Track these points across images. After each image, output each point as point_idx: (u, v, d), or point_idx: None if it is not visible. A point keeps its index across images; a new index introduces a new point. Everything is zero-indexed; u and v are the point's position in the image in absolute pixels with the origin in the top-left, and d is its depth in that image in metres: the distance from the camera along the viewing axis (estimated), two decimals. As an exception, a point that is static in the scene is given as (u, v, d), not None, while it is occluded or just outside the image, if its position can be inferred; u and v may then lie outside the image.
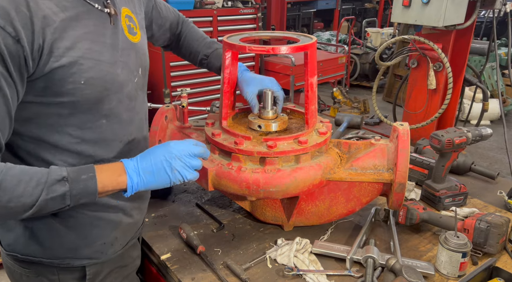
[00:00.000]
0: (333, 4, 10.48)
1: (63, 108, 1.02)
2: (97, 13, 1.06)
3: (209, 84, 4.78)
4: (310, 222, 1.54)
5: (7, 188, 0.92)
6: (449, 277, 1.32)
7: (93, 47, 1.03)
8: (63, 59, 0.97)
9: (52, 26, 0.95)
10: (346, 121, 2.54)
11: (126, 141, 1.19)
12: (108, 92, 1.08)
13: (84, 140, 1.09)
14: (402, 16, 2.55)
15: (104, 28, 1.07)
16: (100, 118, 1.10)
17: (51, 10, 0.95)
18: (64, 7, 0.98)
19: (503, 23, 3.08)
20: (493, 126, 5.26)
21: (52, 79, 0.97)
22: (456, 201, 1.71)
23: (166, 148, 1.12)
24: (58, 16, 0.96)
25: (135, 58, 1.18)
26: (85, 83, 1.01)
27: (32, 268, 1.18)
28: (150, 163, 1.08)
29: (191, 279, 1.31)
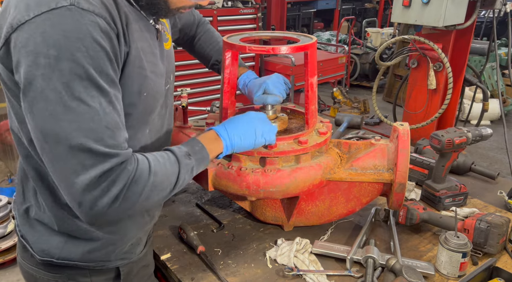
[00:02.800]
0: (333, 4, 10.47)
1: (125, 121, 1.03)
2: (151, 27, 1.10)
3: (209, 84, 4.78)
4: (310, 222, 1.54)
5: (158, 171, 0.98)
6: (449, 277, 1.32)
7: (153, 60, 1.07)
8: (137, 70, 1.00)
9: (133, 34, 0.98)
10: (346, 121, 2.54)
11: (158, 147, 1.20)
12: (158, 104, 1.14)
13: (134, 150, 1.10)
14: (402, 16, 2.55)
15: (155, 41, 1.12)
16: (146, 128, 1.14)
17: (130, 18, 0.99)
18: (131, 19, 1.00)
19: (503, 23, 3.08)
20: (493, 126, 5.26)
21: (124, 89, 0.98)
22: (456, 201, 1.71)
23: (248, 115, 1.26)
24: (133, 25, 0.99)
25: (168, 65, 1.21)
26: (147, 95, 1.05)
27: (64, 272, 1.17)
28: (238, 128, 1.21)
29: (191, 279, 1.31)
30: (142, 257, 1.29)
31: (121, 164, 0.91)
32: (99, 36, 0.86)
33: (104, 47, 0.87)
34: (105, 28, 0.87)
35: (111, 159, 0.89)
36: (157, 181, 0.98)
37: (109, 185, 0.89)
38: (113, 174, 0.89)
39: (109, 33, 0.88)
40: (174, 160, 1.04)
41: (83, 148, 0.86)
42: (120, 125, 0.93)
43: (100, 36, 0.86)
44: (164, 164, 1.01)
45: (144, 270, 1.33)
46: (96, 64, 0.86)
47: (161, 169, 0.99)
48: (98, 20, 0.86)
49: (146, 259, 1.34)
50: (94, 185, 0.88)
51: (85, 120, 0.86)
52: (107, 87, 0.89)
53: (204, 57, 1.68)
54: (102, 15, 0.87)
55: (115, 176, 0.90)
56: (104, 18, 0.87)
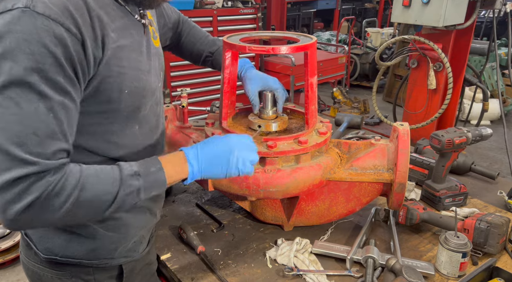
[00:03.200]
0: (333, 4, 10.47)
1: (105, 117, 1.03)
2: (136, 23, 1.09)
3: (209, 84, 4.78)
4: (310, 222, 1.54)
5: (90, 188, 0.93)
6: (449, 277, 1.32)
7: (136, 57, 1.05)
8: (115, 68, 0.98)
9: (110, 36, 0.96)
10: (346, 121, 2.54)
11: (152, 144, 1.21)
12: (145, 100, 1.11)
13: (119, 146, 1.10)
14: (402, 16, 2.55)
15: (141, 37, 1.10)
16: (135, 124, 1.12)
17: (107, 19, 0.96)
18: (113, 16, 0.99)
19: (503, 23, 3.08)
20: (493, 126, 5.26)
21: (100, 87, 0.97)
22: (456, 201, 1.71)
23: (227, 139, 1.15)
24: (111, 26, 0.97)
25: (158, 62, 1.20)
26: (128, 92, 1.03)
27: (67, 270, 1.18)
28: (210, 153, 1.11)
29: (191, 279, 1.31)
30: (145, 255, 1.30)
31: (39, 173, 0.86)
32: (49, 41, 0.83)
33: (54, 53, 0.84)
34: (59, 35, 0.84)
35: (29, 166, 0.85)
36: (84, 197, 0.92)
37: (22, 192, 0.85)
38: (28, 181, 0.85)
39: (64, 40, 0.85)
40: (116, 179, 0.96)
41: (1, 149, 0.83)
42: (57, 135, 0.89)
43: (51, 42, 0.83)
44: (100, 181, 0.95)
45: (147, 268, 1.33)
46: (40, 69, 0.83)
47: (93, 187, 0.93)
48: (52, 25, 0.84)
49: (149, 257, 1.34)
50: (6, 188, 0.85)
51: (12, 122, 0.83)
52: (51, 94, 0.86)
53: (195, 52, 1.66)
54: (59, 20, 0.84)
55: (29, 183, 0.86)
56: (62, 24, 0.85)
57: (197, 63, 1.70)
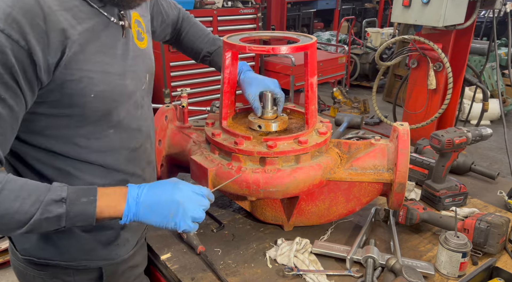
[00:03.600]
0: (333, 4, 10.47)
1: (72, 120, 1.01)
2: (112, 25, 1.05)
3: (209, 84, 4.78)
4: (310, 222, 1.54)
5: (3, 202, 0.89)
6: (449, 277, 1.32)
7: (104, 60, 1.02)
8: (76, 72, 0.95)
9: (71, 39, 0.93)
10: (346, 121, 2.54)
11: (133, 148, 1.18)
12: (117, 104, 1.08)
13: (92, 150, 1.08)
14: (402, 16, 2.55)
15: (116, 39, 1.06)
16: (108, 128, 1.09)
17: (69, 23, 0.93)
18: (81, 18, 0.96)
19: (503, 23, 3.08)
20: (493, 126, 5.26)
21: (62, 92, 0.96)
22: (456, 201, 1.71)
23: (175, 189, 1.05)
24: (76, 29, 0.95)
25: (142, 64, 1.17)
26: (95, 96, 1.00)
27: (48, 270, 1.18)
28: (153, 198, 1.03)
29: (191, 279, 1.31)
30: (128, 258, 1.28)
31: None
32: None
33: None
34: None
35: None
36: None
37: None
38: None
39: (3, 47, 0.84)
40: (37, 200, 0.91)
41: None
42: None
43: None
44: (18, 198, 0.90)
45: (130, 271, 1.31)
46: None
47: (8, 203, 0.89)
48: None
49: (134, 260, 1.32)
50: None
51: None
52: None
53: (194, 50, 1.65)
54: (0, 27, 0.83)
55: None
56: (3, 30, 0.83)
57: (197, 61, 1.69)
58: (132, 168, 1.20)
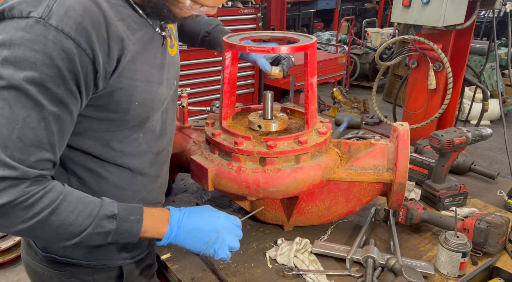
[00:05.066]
0: (333, 4, 10.47)
1: (112, 125, 1.04)
2: (156, 35, 1.09)
3: (209, 84, 4.78)
4: (310, 222, 1.54)
5: (62, 213, 0.92)
6: (449, 277, 1.32)
7: (149, 70, 1.05)
8: (126, 81, 0.99)
9: (127, 49, 0.96)
10: (346, 121, 2.54)
11: (157, 151, 1.20)
12: (153, 112, 1.11)
13: (123, 154, 1.10)
14: (402, 16, 2.56)
15: (157, 49, 1.10)
16: (140, 132, 1.12)
17: (125, 33, 0.97)
18: (133, 29, 1.00)
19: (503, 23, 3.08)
20: (493, 126, 5.26)
21: (111, 98, 0.98)
22: (456, 201, 1.71)
23: (215, 217, 1.13)
24: (130, 39, 0.98)
25: (173, 72, 1.20)
26: (138, 104, 1.03)
27: (67, 270, 1.18)
28: (194, 224, 1.09)
29: (191, 279, 1.31)
30: (145, 256, 1.29)
31: (15, 178, 0.86)
32: (56, 54, 0.84)
33: (58, 66, 0.85)
34: (68, 49, 0.85)
35: (6, 169, 0.84)
36: (52, 222, 0.91)
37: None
38: (2, 184, 0.85)
39: (71, 54, 0.86)
40: (91, 214, 0.96)
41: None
42: (44, 145, 0.89)
43: (58, 54, 0.84)
44: (75, 211, 0.94)
45: (147, 270, 1.33)
46: (40, 79, 0.84)
47: (66, 214, 0.92)
48: (63, 39, 0.84)
49: (149, 259, 1.34)
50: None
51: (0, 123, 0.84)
52: (47, 104, 0.86)
53: (191, 32, 1.64)
54: (70, 35, 0.85)
55: (3, 187, 0.85)
56: (74, 39, 0.85)
57: (195, 44, 1.68)
58: (155, 171, 1.22)
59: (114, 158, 1.10)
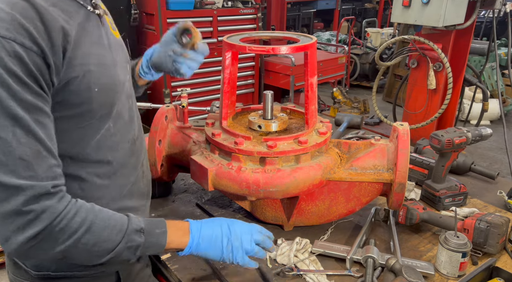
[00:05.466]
0: (333, 4, 10.47)
1: (81, 119, 0.99)
2: (91, 15, 1.02)
3: (209, 84, 4.78)
4: (310, 222, 1.54)
5: (96, 232, 0.93)
6: (449, 277, 1.32)
7: (98, 52, 1.00)
8: (78, 68, 0.93)
9: (70, 35, 0.90)
10: (346, 121, 2.54)
11: (132, 140, 1.17)
12: (117, 95, 1.06)
13: (100, 148, 1.06)
14: (402, 16, 2.56)
15: (99, 30, 1.03)
16: (108, 121, 1.06)
17: (63, 19, 0.90)
18: (69, 13, 0.93)
19: (503, 23, 3.08)
20: (493, 126, 5.26)
21: (70, 89, 0.93)
22: (456, 201, 1.71)
23: (231, 223, 1.14)
24: (70, 24, 0.91)
25: (122, 54, 1.15)
26: (99, 90, 0.98)
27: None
28: (212, 232, 1.10)
29: (191, 279, 1.31)
30: (140, 257, 1.28)
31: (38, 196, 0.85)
32: (7, 60, 0.80)
33: (14, 72, 0.80)
34: (13, 51, 0.80)
35: (25, 192, 0.84)
36: (87, 241, 0.92)
37: (26, 224, 0.85)
38: (32, 213, 0.84)
39: (19, 55, 0.81)
40: (122, 229, 0.97)
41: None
42: (43, 154, 0.87)
43: (8, 61, 0.80)
44: (107, 227, 0.94)
45: (143, 271, 1.32)
46: (5, 92, 0.80)
47: (100, 231, 0.93)
48: (4, 43, 0.79)
49: (145, 259, 1.33)
50: (9, 219, 0.84)
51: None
52: (23, 114, 0.83)
53: None
54: (9, 37, 0.80)
55: (35, 215, 0.85)
56: (14, 39, 0.80)
57: None
58: (135, 160, 1.19)
59: (91, 155, 1.05)
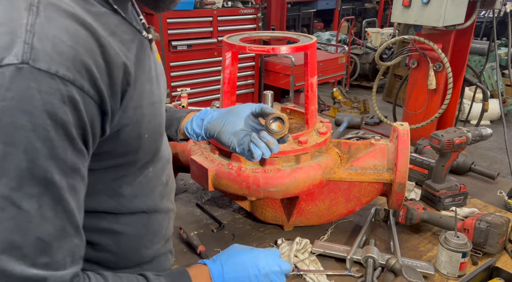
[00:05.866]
0: (333, 4, 10.47)
1: (121, 169, 0.83)
2: (143, 41, 0.83)
3: (209, 84, 4.78)
4: (310, 222, 1.54)
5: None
6: (449, 277, 1.32)
7: (150, 89, 0.82)
8: (131, 113, 0.75)
9: (131, 74, 0.72)
10: (346, 121, 2.54)
11: (165, 182, 1.01)
12: (162, 138, 0.93)
13: (135, 196, 0.90)
14: (402, 16, 2.56)
15: (149, 60, 0.84)
16: (150, 167, 0.91)
17: (123, 53, 0.71)
18: (127, 43, 0.74)
19: (503, 23, 3.08)
20: (493, 126, 5.26)
21: (120, 138, 0.75)
22: (456, 201, 1.71)
23: (254, 259, 0.95)
24: (129, 58, 0.72)
25: (163, 82, 0.98)
26: (148, 136, 0.82)
27: None
28: (235, 275, 0.92)
29: (191, 279, 1.31)
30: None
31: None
32: (58, 109, 0.59)
33: (63, 125, 0.61)
34: (70, 97, 0.61)
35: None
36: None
37: None
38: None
39: (75, 103, 0.61)
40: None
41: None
42: (68, 231, 0.66)
43: (59, 109, 0.60)
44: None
45: None
46: (45, 149, 0.60)
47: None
48: (60, 85, 0.59)
49: None
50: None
51: (7, 229, 0.59)
52: (59, 179, 0.62)
53: None
54: (69, 77, 0.60)
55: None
56: (73, 81, 0.60)
57: None
58: (166, 203, 1.04)
59: (126, 206, 0.89)
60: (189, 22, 4.40)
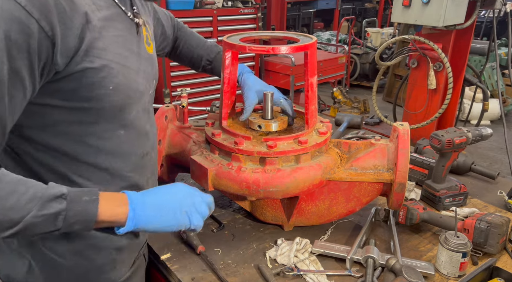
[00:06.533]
0: (333, 4, 10.47)
1: (87, 115, 0.96)
2: (127, 20, 1.04)
3: (209, 84, 4.79)
4: (310, 222, 1.54)
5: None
6: (449, 277, 1.32)
7: (122, 52, 0.99)
8: (97, 60, 0.91)
9: (92, 23, 0.90)
10: (346, 121, 2.54)
11: (141, 155, 1.12)
12: (131, 101, 1.03)
13: (100, 151, 1.01)
14: (402, 16, 2.56)
15: (131, 35, 1.04)
16: (119, 128, 1.03)
17: (90, 7, 0.90)
18: (99, 6, 0.94)
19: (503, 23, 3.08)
20: (493, 126, 5.25)
21: (82, 81, 0.91)
22: (456, 201, 1.71)
23: (176, 186, 1.05)
24: (95, 14, 0.92)
25: (151, 69, 1.15)
26: (113, 89, 0.96)
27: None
28: (157, 198, 0.99)
29: (191, 279, 1.31)
30: (124, 280, 1.18)
31: None
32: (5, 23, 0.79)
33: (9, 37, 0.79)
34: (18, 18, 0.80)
35: None
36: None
37: None
38: None
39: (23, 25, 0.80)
40: (34, 196, 0.83)
41: None
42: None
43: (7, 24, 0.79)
44: (13, 193, 0.81)
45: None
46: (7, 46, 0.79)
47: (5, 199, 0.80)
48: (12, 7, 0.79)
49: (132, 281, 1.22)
50: None
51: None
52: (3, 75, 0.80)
53: (194, 58, 1.64)
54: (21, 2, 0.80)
55: None
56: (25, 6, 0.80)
57: (197, 70, 1.67)
58: (137, 177, 1.12)
59: (90, 156, 0.99)
60: (189, 22, 4.41)
